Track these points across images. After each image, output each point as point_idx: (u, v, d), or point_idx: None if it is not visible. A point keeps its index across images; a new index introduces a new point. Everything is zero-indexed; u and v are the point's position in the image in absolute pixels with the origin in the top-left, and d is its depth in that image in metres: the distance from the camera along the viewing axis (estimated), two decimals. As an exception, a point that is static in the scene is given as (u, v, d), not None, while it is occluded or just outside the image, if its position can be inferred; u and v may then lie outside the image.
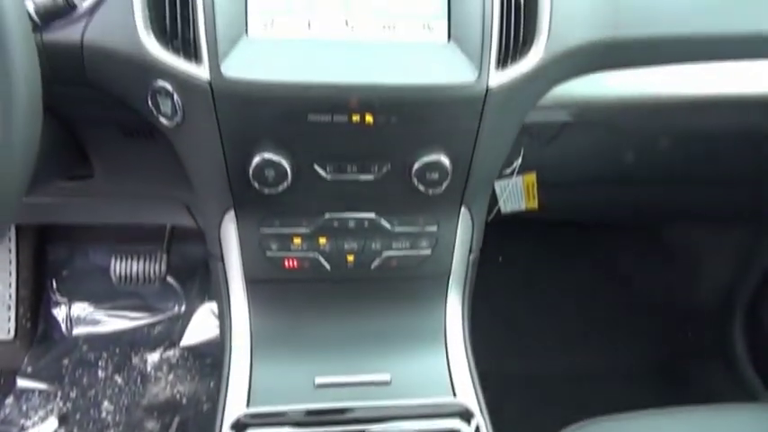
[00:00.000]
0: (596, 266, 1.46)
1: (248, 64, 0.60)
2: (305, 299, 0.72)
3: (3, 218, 0.44)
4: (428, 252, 0.71)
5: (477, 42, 0.63)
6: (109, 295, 1.35)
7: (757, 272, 1.35)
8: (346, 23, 0.64)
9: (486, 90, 0.63)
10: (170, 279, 1.38)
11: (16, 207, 0.47)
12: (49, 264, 1.35)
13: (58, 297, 1.36)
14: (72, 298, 1.35)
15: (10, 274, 1.26)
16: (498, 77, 0.63)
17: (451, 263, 0.73)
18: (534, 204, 1.01)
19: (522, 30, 0.65)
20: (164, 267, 1.27)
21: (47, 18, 0.52)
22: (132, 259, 1.23)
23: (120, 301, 1.37)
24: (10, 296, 1.27)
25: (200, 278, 1.40)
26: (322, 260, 0.70)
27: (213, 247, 0.70)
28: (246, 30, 0.62)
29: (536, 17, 0.65)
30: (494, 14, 0.62)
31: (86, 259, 1.36)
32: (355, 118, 0.62)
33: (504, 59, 0.63)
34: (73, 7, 0.53)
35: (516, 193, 0.99)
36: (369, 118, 0.62)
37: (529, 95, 0.68)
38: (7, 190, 0.44)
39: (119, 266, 1.24)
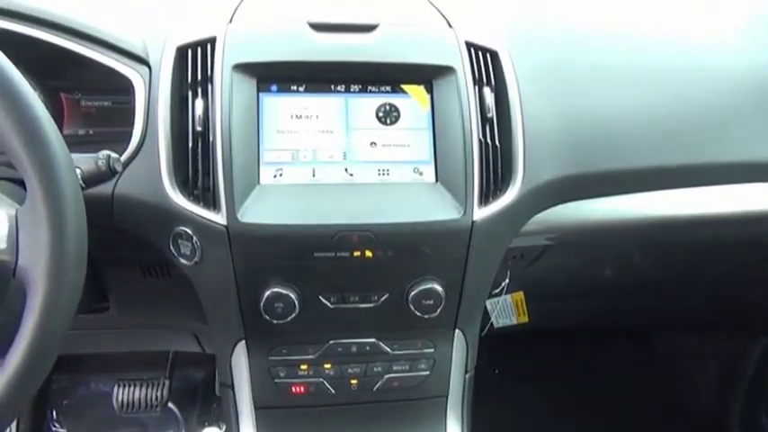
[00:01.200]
0: (587, 372, 1.48)
1: (261, 210, 0.69)
2: (310, 424, 0.75)
3: (51, 355, 0.50)
4: (427, 372, 0.76)
5: (461, 183, 0.72)
6: (109, 423, 1.34)
7: (746, 376, 1.38)
8: (346, 170, 0.74)
9: (472, 224, 0.71)
10: (170, 405, 1.38)
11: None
12: (51, 393, 1.36)
13: (58, 428, 1.35)
14: (71, 428, 1.35)
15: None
16: (481, 212, 0.72)
17: (449, 382, 0.77)
18: (525, 318, 1.07)
19: (500, 171, 0.74)
20: (166, 393, 1.29)
21: (90, 183, 0.60)
22: (135, 386, 1.25)
23: (119, 429, 1.37)
24: (10, 430, 1.27)
25: (201, 403, 1.41)
26: (327, 385, 0.74)
27: (224, 377, 0.75)
28: (259, 179, 0.71)
29: (511, 159, 0.75)
30: (474, 160, 0.72)
31: (88, 388, 1.37)
32: (356, 253, 0.69)
33: (485, 197, 0.72)
34: (114, 173, 0.61)
35: (507, 310, 1.05)
36: (368, 253, 0.69)
37: (510, 226, 0.76)
38: (57, 330, 0.49)
39: (121, 393, 1.25)
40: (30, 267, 0.49)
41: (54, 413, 1.37)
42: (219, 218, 0.68)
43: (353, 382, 0.74)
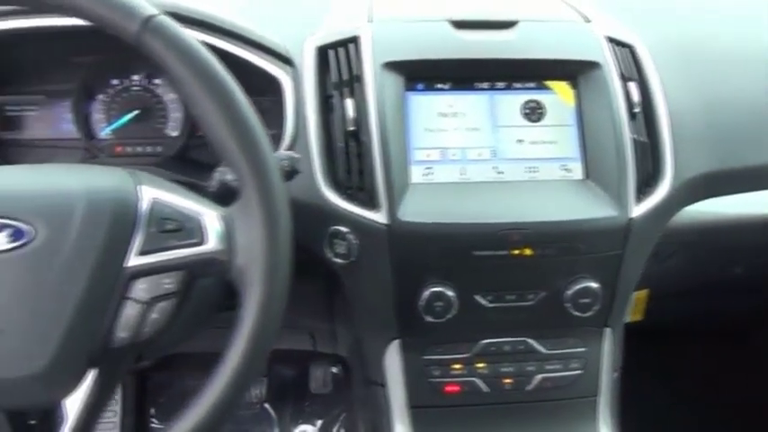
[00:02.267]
0: (703, 371, 1.45)
1: (419, 208, 0.68)
2: (463, 423, 0.75)
3: (269, 349, 0.50)
4: (579, 372, 0.75)
5: (615, 180, 0.71)
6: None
7: None
8: (494, 168, 0.73)
9: (629, 221, 0.70)
10: (265, 403, 1.39)
11: None
12: (149, 391, 1.38)
13: (157, 424, 1.37)
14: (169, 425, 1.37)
15: (116, 402, 1.29)
16: (638, 210, 0.70)
17: (600, 382, 0.76)
18: (639, 317, 1.05)
19: (650, 167, 0.73)
20: (264, 391, 1.30)
21: None
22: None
23: (216, 426, 1.38)
24: (115, 425, 1.29)
25: (293, 402, 1.41)
26: (481, 384, 0.73)
27: (375, 375, 0.75)
28: (410, 178, 0.71)
29: (660, 155, 0.74)
30: (627, 156, 0.71)
31: (183, 384, 1.38)
32: (515, 252, 0.69)
33: (639, 194, 0.71)
34: (296, 173, 0.61)
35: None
36: (528, 251, 0.69)
37: (660, 222, 0.75)
38: (274, 326, 0.50)
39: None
40: (246, 266, 0.49)
41: (153, 410, 1.39)
42: (380, 217, 0.68)
43: (507, 381, 0.74)
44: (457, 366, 0.73)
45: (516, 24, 0.77)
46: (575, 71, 0.75)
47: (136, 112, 0.83)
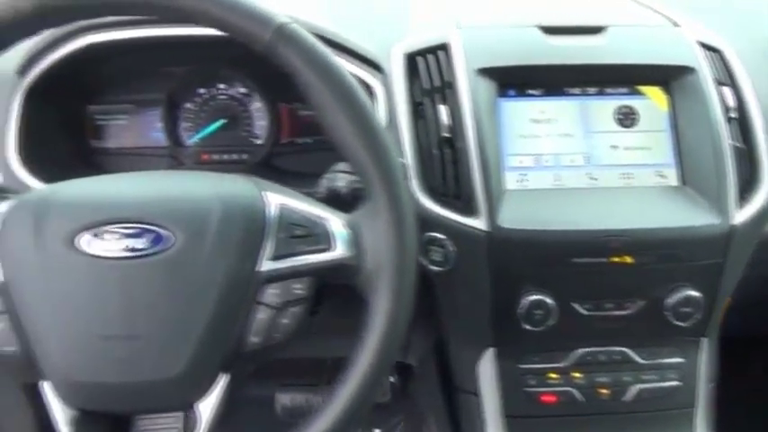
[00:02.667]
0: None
1: (517, 215, 0.68)
2: (558, 434, 0.74)
3: (396, 354, 0.50)
4: (676, 383, 0.73)
5: (714, 187, 0.69)
6: (271, 428, 1.36)
7: None
8: (588, 175, 0.72)
9: (731, 228, 0.68)
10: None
11: None
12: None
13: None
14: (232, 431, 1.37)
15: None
16: (739, 216, 0.69)
17: (697, 393, 0.74)
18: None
19: (748, 173, 0.72)
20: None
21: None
22: (298, 391, 1.26)
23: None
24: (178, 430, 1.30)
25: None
26: (577, 394, 0.72)
27: (467, 384, 0.74)
28: (505, 184, 0.70)
29: (757, 160, 0.72)
30: (727, 162, 0.69)
31: (248, 391, 1.39)
32: (615, 259, 0.68)
33: (740, 200, 0.70)
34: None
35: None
36: (627, 259, 0.68)
37: (758, 229, 0.73)
38: (402, 332, 0.50)
39: (284, 398, 1.26)
40: (375, 271, 0.49)
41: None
42: (479, 223, 0.67)
43: (603, 391, 0.72)
44: (553, 376, 0.72)
45: (606, 29, 0.77)
46: (668, 76, 0.74)
47: (223, 120, 0.84)
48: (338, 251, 0.50)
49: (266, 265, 0.49)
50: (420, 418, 1.36)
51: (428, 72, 0.74)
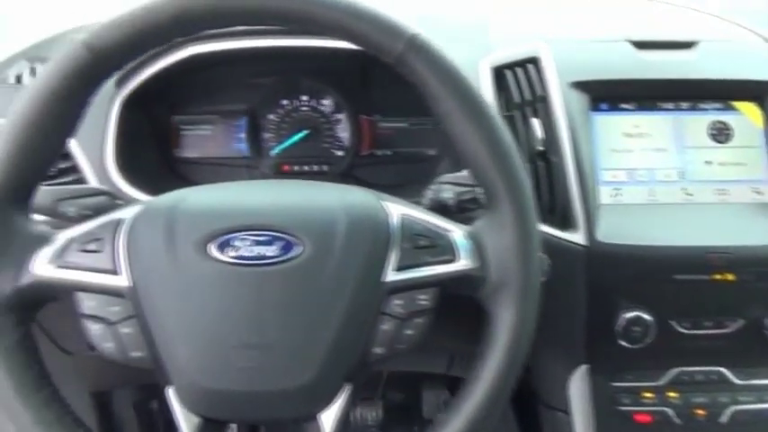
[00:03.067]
0: None
1: (614, 230, 0.67)
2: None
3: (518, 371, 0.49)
4: (775, 406, 0.71)
5: None
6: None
7: None
8: (683, 190, 0.71)
9: None
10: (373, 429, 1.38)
11: None
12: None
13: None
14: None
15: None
16: None
17: (797, 416, 0.72)
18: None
19: None
20: (380, 413, 1.29)
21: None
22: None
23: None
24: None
25: (405, 428, 1.39)
26: (672, 414, 0.70)
27: (556, 401, 0.73)
28: (599, 199, 0.69)
29: None
30: None
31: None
32: (717, 276, 0.66)
33: None
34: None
35: None
36: (729, 276, 0.66)
37: None
38: (527, 346, 0.49)
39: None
40: (500, 283, 0.49)
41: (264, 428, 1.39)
42: (577, 237, 0.66)
43: (699, 412, 0.70)
44: (648, 395, 0.71)
45: (697, 44, 0.76)
46: (762, 92, 0.73)
47: (306, 131, 0.85)
48: (462, 262, 0.50)
49: (391, 276, 0.49)
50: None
51: (518, 85, 0.74)
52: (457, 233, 0.51)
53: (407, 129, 0.86)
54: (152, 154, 0.82)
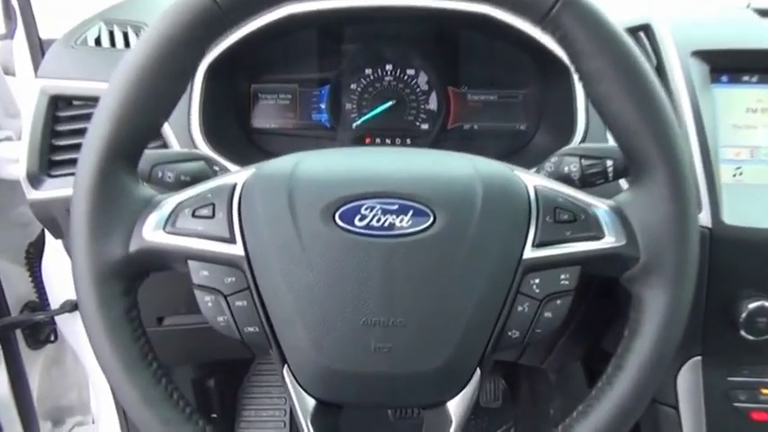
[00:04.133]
0: None
1: (741, 211, 0.62)
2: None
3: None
4: None
5: None
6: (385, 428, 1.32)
7: None
8: (811, 170, 0.65)
9: None
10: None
11: None
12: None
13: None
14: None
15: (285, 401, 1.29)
16: None
17: None
18: None
19: None
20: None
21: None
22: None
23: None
24: (285, 424, 1.28)
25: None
26: (791, 413, 0.65)
27: (664, 396, 0.68)
28: (720, 178, 0.64)
29: None
30: None
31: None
32: None
33: None
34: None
35: None
36: None
37: None
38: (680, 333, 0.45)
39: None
40: (652, 264, 0.44)
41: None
42: (701, 219, 0.61)
43: (821, 411, 0.65)
44: (765, 391, 0.65)
45: None
46: None
47: (390, 102, 0.80)
48: (609, 239, 0.45)
49: (530, 253, 0.44)
50: (533, 423, 1.30)
51: None
52: (600, 207, 0.46)
53: (497, 102, 0.81)
54: (232, 123, 0.78)
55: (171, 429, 0.43)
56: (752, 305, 0.61)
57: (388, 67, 0.81)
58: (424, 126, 0.81)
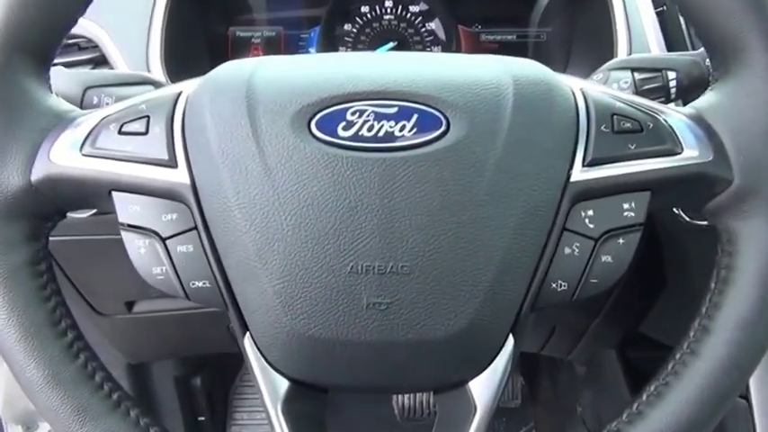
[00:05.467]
0: None
1: None
2: None
3: None
4: None
5: None
6: (388, 428, 1.21)
7: None
8: None
9: None
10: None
11: None
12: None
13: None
14: (348, 429, 1.23)
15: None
16: None
17: None
18: None
19: None
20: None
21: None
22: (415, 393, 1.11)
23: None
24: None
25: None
26: None
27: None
28: None
29: None
30: None
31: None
32: None
33: None
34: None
35: None
36: None
37: None
38: None
39: (402, 398, 1.12)
40: (749, 187, 0.32)
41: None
42: None
43: None
44: None
45: None
46: None
47: (392, 44, 0.69)
48: (690, 153, 0.33)
49: (580, 174, 0.32)
50: (557, 423, 1.18)
51: None
52: (674, 115, 0.34)
53: (515, 42, 0.70)
54: (204, 66, 0.67)
55: (88, 420, 0.32)
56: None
57: (388, 3, 0.69)
58: (431, 72, 0.69)
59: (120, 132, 0.33)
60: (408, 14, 0.69)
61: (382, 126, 0.31)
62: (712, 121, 0.33)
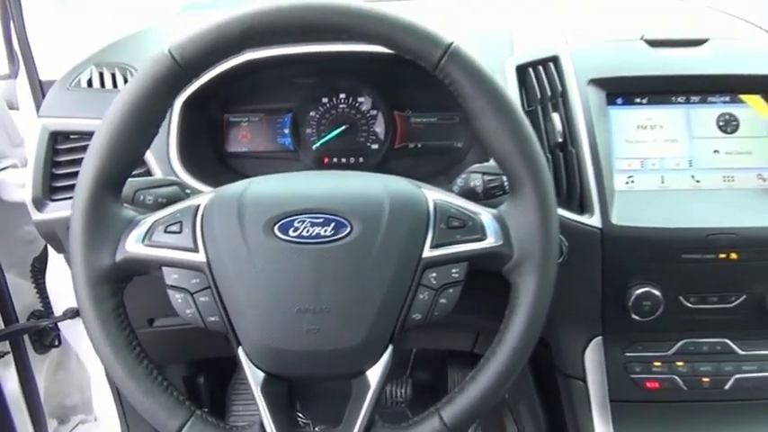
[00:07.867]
0: None
1: (627, 213, 0.74)
2: (662, 419, 0.79)
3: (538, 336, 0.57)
4: (776, 375, 0.77)
5: None
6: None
7: None
8: (692, 177, 0.78)
9: None
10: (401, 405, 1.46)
11: None
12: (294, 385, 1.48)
13: (302, 418, 1.47)
14: (315, 418, 1.46)
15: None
16: None
17: (796, 384, 0.78)
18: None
19: None
20: (408, 391, 1.37)
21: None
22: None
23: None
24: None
25: (431, 404, 1.47)
26: (679, 382, 0.77)
27: (574, 370, 0.80)
28: (614, 185, 0.76)
29: None
30: None
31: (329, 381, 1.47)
32: (722, 255, 0.73)
33: None
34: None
35: None
36: (733, 255, 0.73)
37: None
38: (545, 314, 0.57)
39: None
40: (522, 259, 0.56)
41: (299, 404, 1.48)
42: (593, 221, 0.73)
43: (705, 380, 0.77)
44: (657, 364, 0.78)
45: (707, 42, 0.82)
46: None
47: (344, 126, 0.93)
48: (490, 240, 0.57)
49: (428, 252, 0.57)
50: (497, 411, 1.42)
51: (539, 82, 0.81)
52: (485, 215, 0.59)
53: (436, 123, 0.94)
54: (207, 149, 0.91)
55: (150, 398, 0.56)
56: (638, 291, 0.73)
57: (342, 96, 0.93)
58: (374, 146, 0.93)
59: (165, 231, 0.58)
60: (357, 104, 0.94)
61: (314, 229, 0.56)
62: (505, 220, 0.58)
